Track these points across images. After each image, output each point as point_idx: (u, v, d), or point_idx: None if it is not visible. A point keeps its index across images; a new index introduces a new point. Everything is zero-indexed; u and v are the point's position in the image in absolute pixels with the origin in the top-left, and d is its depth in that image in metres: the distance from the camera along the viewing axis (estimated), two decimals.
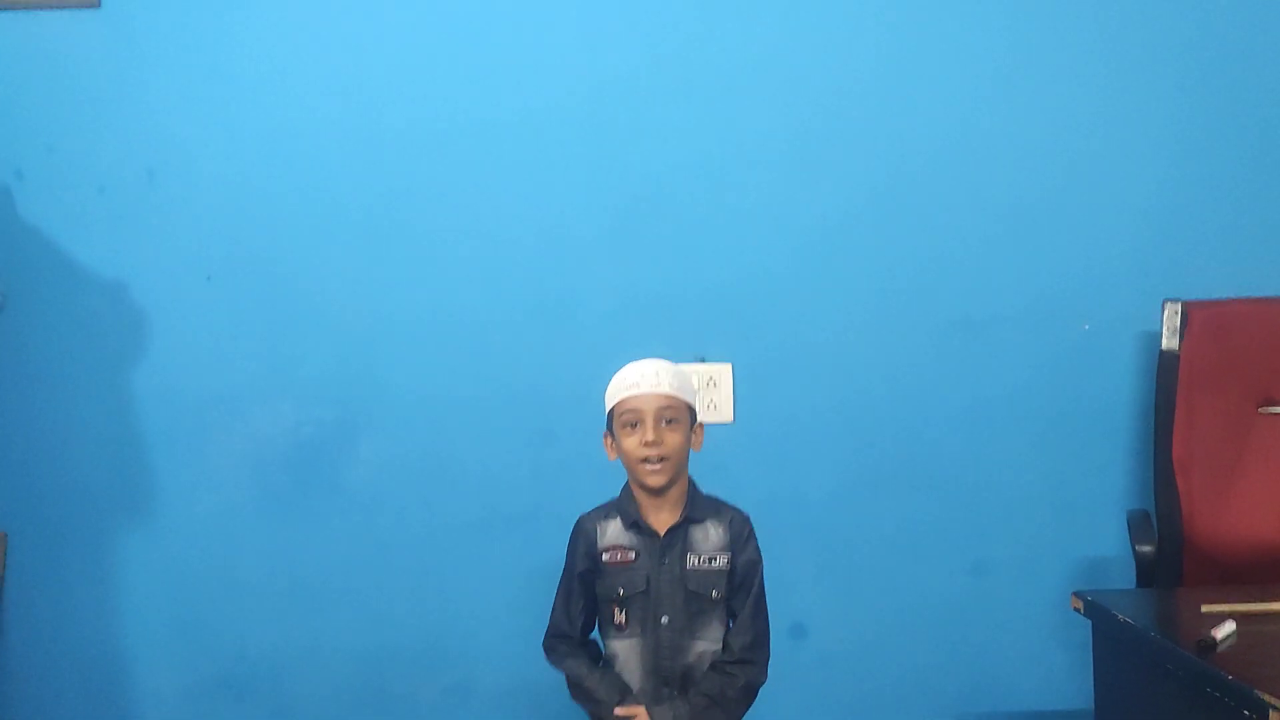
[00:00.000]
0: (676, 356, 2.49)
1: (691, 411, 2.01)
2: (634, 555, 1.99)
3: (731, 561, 1.99)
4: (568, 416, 2.57)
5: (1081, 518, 2.57)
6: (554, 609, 2.05)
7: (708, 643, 1.98)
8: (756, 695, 2.00)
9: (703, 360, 2.57)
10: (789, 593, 2.55)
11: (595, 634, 2.09)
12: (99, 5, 2.57)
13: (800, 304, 2.59)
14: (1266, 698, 1.45)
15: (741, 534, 2.01)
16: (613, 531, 2.02)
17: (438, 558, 2.59)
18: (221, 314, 2.59)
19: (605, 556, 2.01)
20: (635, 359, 2.05)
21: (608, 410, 2.03)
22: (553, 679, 2.49)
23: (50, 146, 2.57)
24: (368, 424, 2.60)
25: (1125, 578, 2.41)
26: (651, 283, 2.58)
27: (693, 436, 2.02)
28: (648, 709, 1.94)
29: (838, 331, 2.58)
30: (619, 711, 1.94)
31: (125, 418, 2.58)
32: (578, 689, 2.00)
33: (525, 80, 2.58)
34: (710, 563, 1.98)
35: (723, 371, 2.58)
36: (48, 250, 2.56)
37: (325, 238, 2.59)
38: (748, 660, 1.96)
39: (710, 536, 2.00)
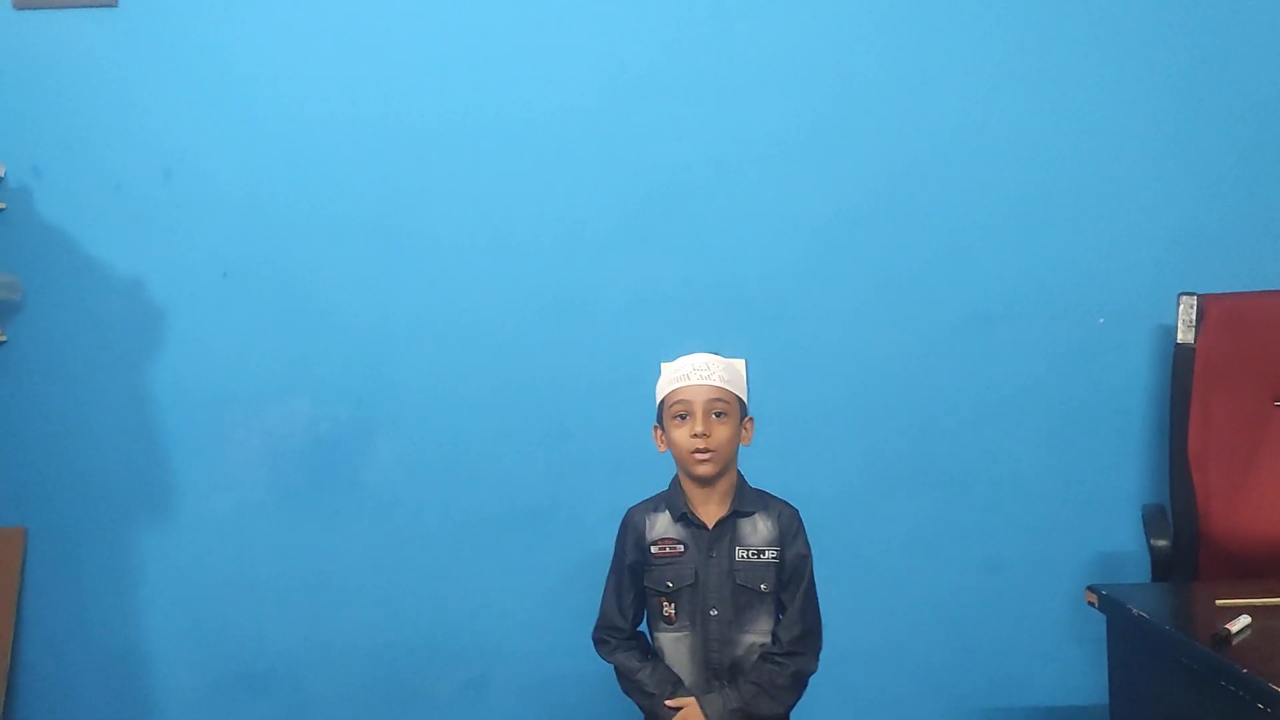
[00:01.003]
0: (690, 353, 2.51)
1: (742, 405, 2.01)
2: (682, 548, 1.99)
3: (780, 555, 1.99)
4: (583, 413, 2.58)
5: (1096, 513, 2.56)
6: (604, 601, 2.05)
7: (756, 635, 1.98)
8: (807, 684, 2.01)
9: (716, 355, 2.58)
10: None
11: (643, 627, 2.08)
12: (116, 4, 2.59)
13: (814, 299, 2.59)
14: None
15: (791, 528, 2.01)
16: (661, 524, 2.02)
17: (454, 554, 2.61)
18: (238, 311, 2.61)
19: (654, 549, 2.01)
20: (651, 354, 2.06)
21: (658, 401, 2.02)
22: (570, 674, 2.53)
23: (68, 144, 2.60)
24: (384, 421, 2.61)
25: (1141, 573, 2.41)
26: (666, 279, 2.59)
27: (743, 431, 2.02)
28: (698, 699, 1.95)
29: (851, 327, 2.58)
30: (669, 704, 1.95)
31: (142, 414, 2.60)
32: (628, 681, 2.00)
33: (540, 79, 2.59)
34: (759, 556, 1.98)
35: (738, 368, 2.57)
36: (65, 247, 2.59)
37: (341, 235, 2.60)
38: (796, 652, 1.96)
39: (759, 530, 2.00)
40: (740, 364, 2.06)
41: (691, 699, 1.95)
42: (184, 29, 2.60)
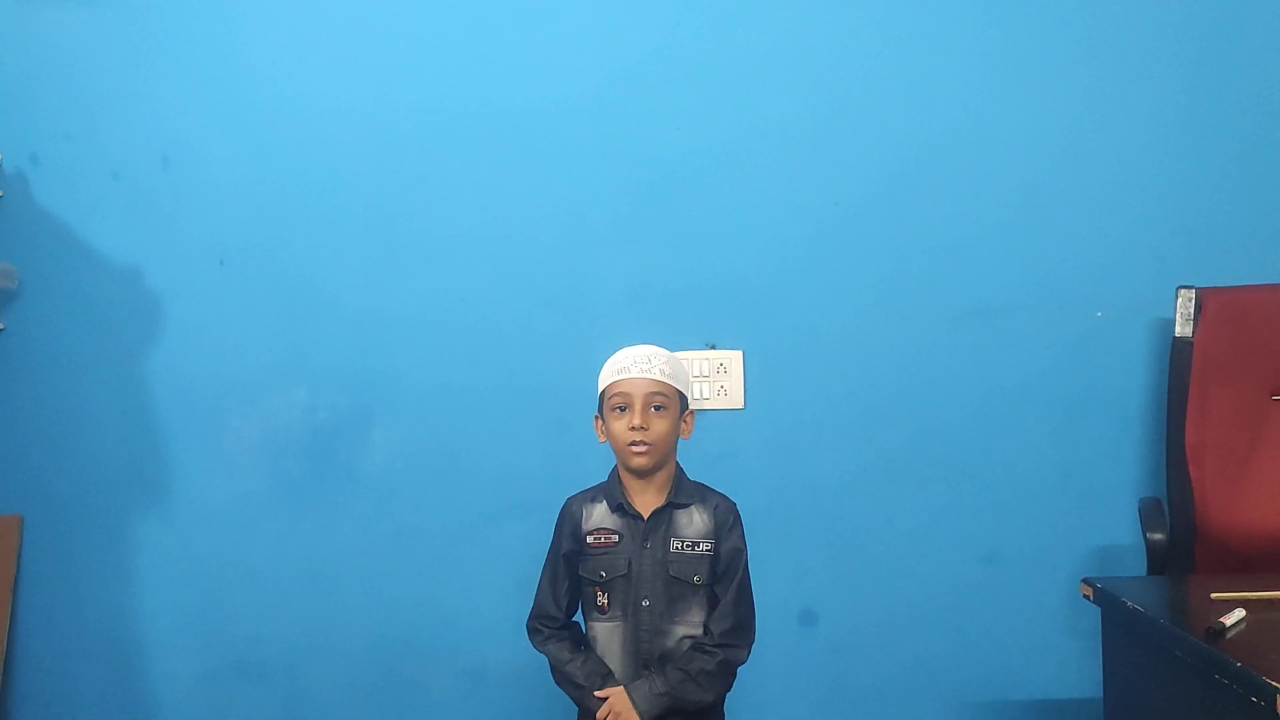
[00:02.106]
0: (688, 343, 2.53)
1: (683, 398, 2.02)
2: (617, 538, 2.01)
3: (715, 548, 2.00)
4: (581, 405, 2.55)
5: (1094, 506, 2.56)
6: (539, 590, 2.08)
7: (688, 627, 1.99)
8: (735, 674, 2.02)
9: (714, 347, 2.58)
10: (800, 580, 2.57)
11: (578, 617, 2.10)
12: None
13: (812, 291, 2.58)
14: (1274, 684, 1.45)
15: (726, 521, 2.02)
16: (598, 514, 2.04)
17: (451, 545, 2.61)
18: (235, 300, 2.60)
19: (589, 539, 2.03)
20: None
21: (599, 392, 2.04)
22: None
23: (65, 133, 2.60)
24: (382, 412, 2.62)
25: (1137, 566, 2.41)
26: (664, 271, 2.58)
27: (682, 424, 2.03)
28: (625, 687, 1.96)
29: (849, 319, 2.58)
30: (598, 694, 1.96)
31: (140, 403, 2.60)
32: (559, 674, 2.02)
33: (538, 69, 2.59)
34: (693, 548, 1.99)
35: (734, 358, 2.58)
36: (63, 236, 2.59)
37: (339, 225, 2.60)
38: (727, 644, 1.97)
39: (694, 522, 2.01)
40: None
41: (619, 687, 1.96)
42: (182, 17, 2.59)
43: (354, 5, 2.60)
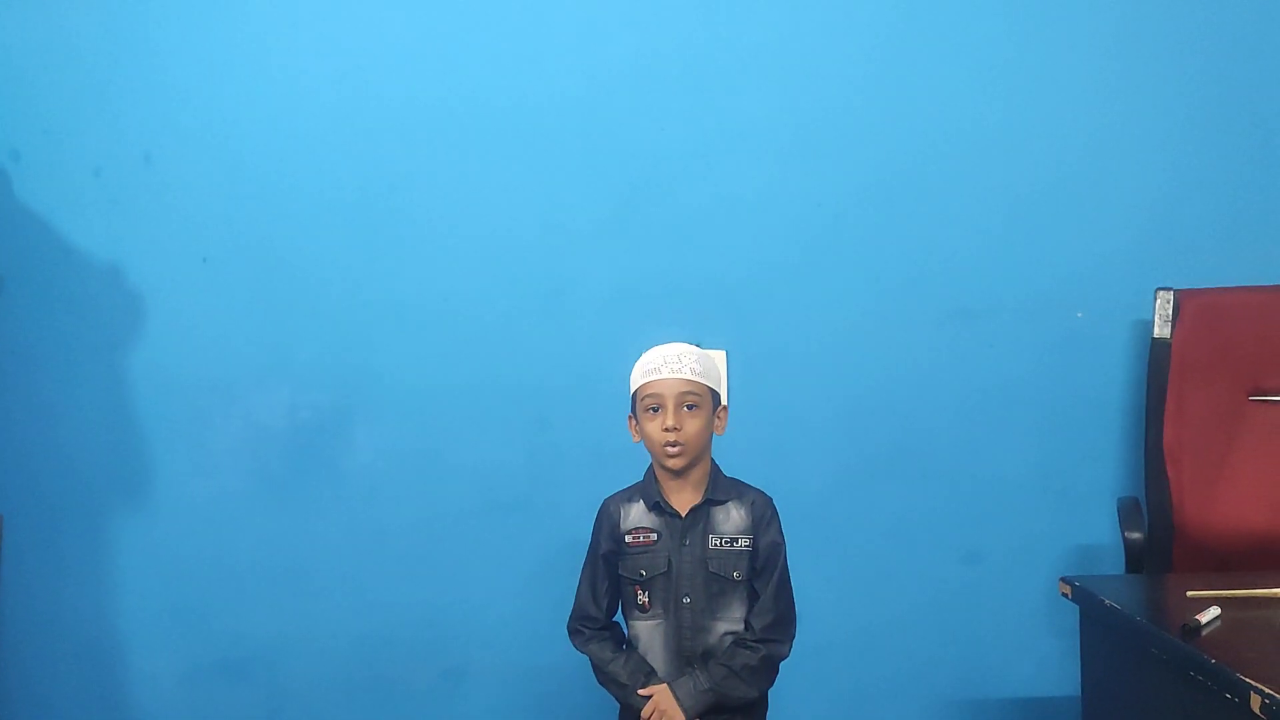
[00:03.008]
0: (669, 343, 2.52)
1: (715, 396, 2.02)
2: (655, 536, 2.01)
3: (754, 543, 2.00)
4: (563, 404, 2.58)
5: (1074, 506, 2.57)
6: (578, 591, 2.07)
7: (729, 623, 1.99)
8: (778, 669, 2.02)
9: (697, 346, 2.58)
10: None
11: (619, 616, 2.10)
12: None
13: (795, 293, 2.59)
14: (1248, 680, 1.46)
15: (764, 516, 2.02)
16: (636, 513, 2.03)
17: (433, 543, 2.60)
18: (218, 298, 2.60)
19: (628, 538, 2.02)
20: (631, 346, 2.07)
21: (631, 393, 2.03)
22: (548, 664, 2.53)
23: (47, 129, 2.59)
24: (364, 410, 2.61)
25: (1116, 565, 2.42)
26: (647, 270, 2.59)
27: (715, 421, 2.03)
28: (670, 684, 1.96)
29: (832, 320, 2.59)
30: (641, 692, 1.96)
31: (121, 400, 2.59)
32: (601, 673, 2.02)
33: (523, 68, 2.59)
34: (732, 544, 1.99)
35: (718, 359, 2.58)
36: (44, 232, 2.57)
37: (322, 222, 2.60)
38: (769, 639, 1.97)
39: (732, 518, 2.01)
40: (717, 355, 2.06)
41: (663, 685, 1.96)
42: (165, 13, 2.58)
43: (338, 4, 2.59)
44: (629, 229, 2.59)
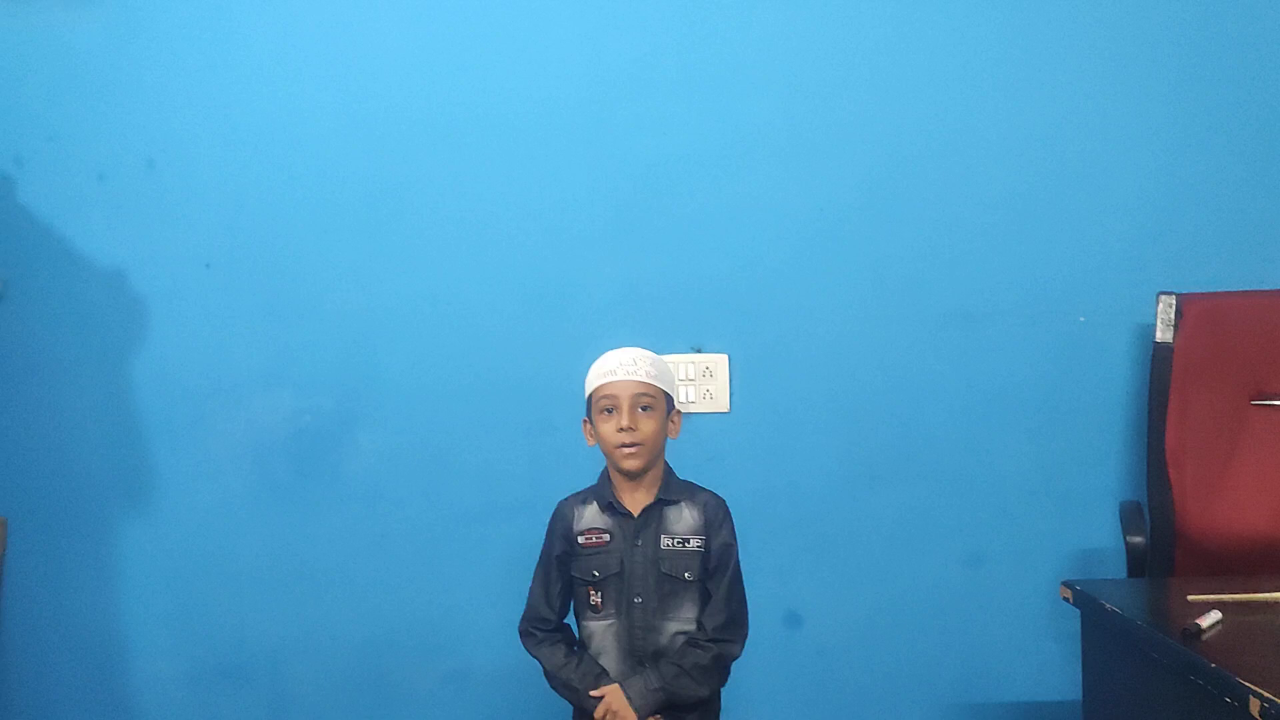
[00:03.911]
0: (674, 347, 2.54)
1: (669, 399, 2.05)
2: (608, 536, 2.03)
3: (706, 544, 2.02)
4: (565, 406, 2.56)
5: (1075, 509, 2.57)
6: (531, 593, 2.09)
7: (680, 623, 2.00)
8: (729, 669, 2.04)
9: (699, 350, 2.59)
10: (784, 582, 2.57)
11: (570, 619, 2.11)
12: None
13: (797, 296, 2.59)
14: (1248, 684, 1.46)
15: (716, 517, 2.04)
16: (589, 514, 2.06)
17: (436, 547, 2.61)
18: (221, 303, 2.60)
19: (581, 539, 2.04)
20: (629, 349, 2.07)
21: (586, 396, 2.06)
22: None
23: (50, 134, 2.59)
24: (367, 414, 2.61)
25: (1118, 569, 2.42)
26: (649, 273, 2.59)
27: (669, 424, 2.05)
28: (620, 683, 1.97)
29: (834, 323, 2.59)
30: (593, 693, 1.98)
31: (124, 405, 2.59)
32: (554, 679, 2.04)
33: (524, 71, 2.59)
34: (684, 544, 2.01)
35: (719, 362, 2.59)
36: (47, 238, 2.58)
37: (325, 227, 2.60)
38: (721, 639, 1.99)
39: (684, 518, 2.03)
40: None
41: (615, 685, 1.97)
42: (168, 18, 2.59)
43: (341, 8, 2.60)
44: (632, 232, 2.60)
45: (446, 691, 2.62)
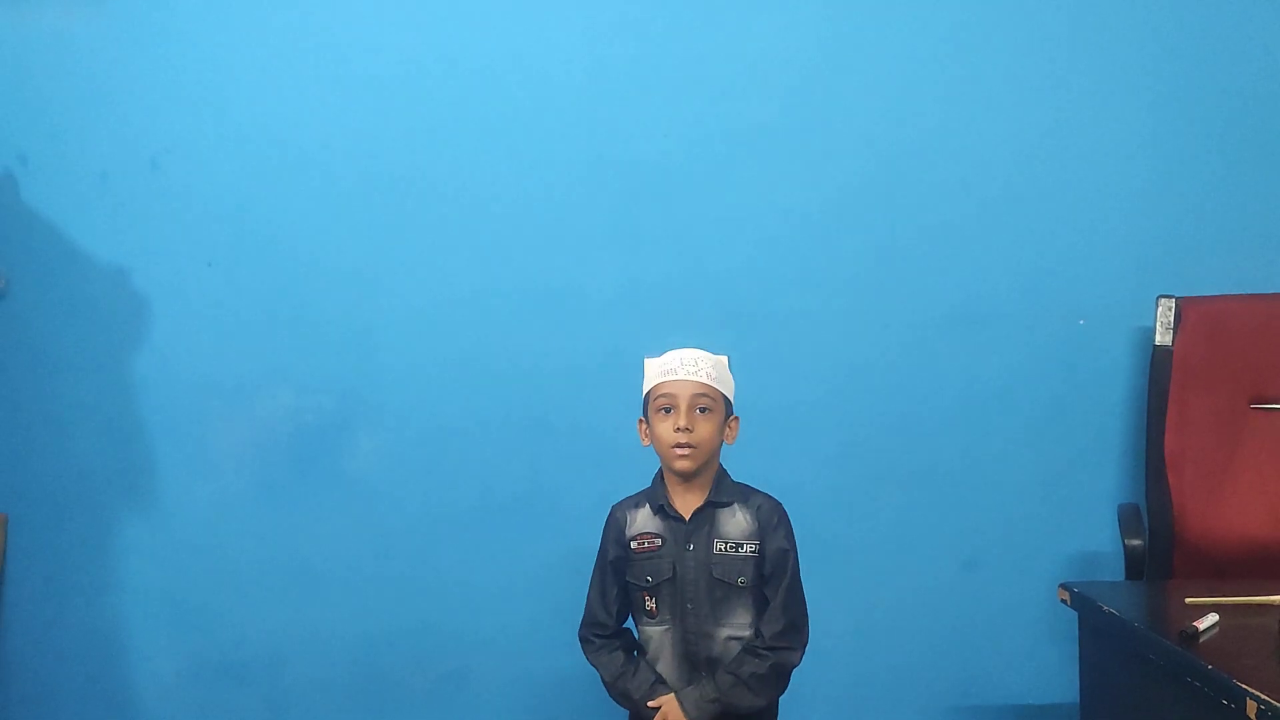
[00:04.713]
0: (673, 347, 2.52)
1: (728, 403, 2.02)
2: (660, 541, 1.99)
3: (760, 549, 1.98)
4: (565, 406, 2.58)
5: (1074, 512, 2.58)
6: (588, 599, 2.06)
7: (733, 629, 1.98)
8: (789, 677, 2.00)
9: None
10: None
11: (629, 622, 2.10)
12: None
13: (797, 297, 2.59)
14: (1245, 687, 1.47)
15: (771, 521, 2.00)
16: (641, 519, 2.02)
17: (435, 545, 2.61)
18: (222, 301, 2.60)
19: (633, 544, 2.01)
20: (634, 349, 2.08)
21: (644, 394, 2.02)
22: (549, 667, 2.54)
23: (54, 133, 2.59)
24: (367, 412, 2.62)
25: (1116, 572, 2.42)
26: (649, 274, 2.59)
27: (727, 429, 2.02)
28: (677, 694, 1.95)
29: (834, 324, 2.59)
30: (650, 704, 1.96)
31: (126, 403, 2.60)
32: (611, 688, 2.01)
33: (525, 70, 2.59)
34: (737, 549, 1.98)
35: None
36: (50, 236, 2.58)
37: (326, 225, 2.60)
38: (779, 646, 1.95)
39: (737, 521, 1.99)
40: (725, 360, 2.06)
41: (670, 695, 1.95)
42: (171, 17, 2.59)
43: (342, 10, 2.60)
44: (632, 233, 2.60)
45: (445, 691, 2.62)
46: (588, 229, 2.59)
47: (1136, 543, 2.33)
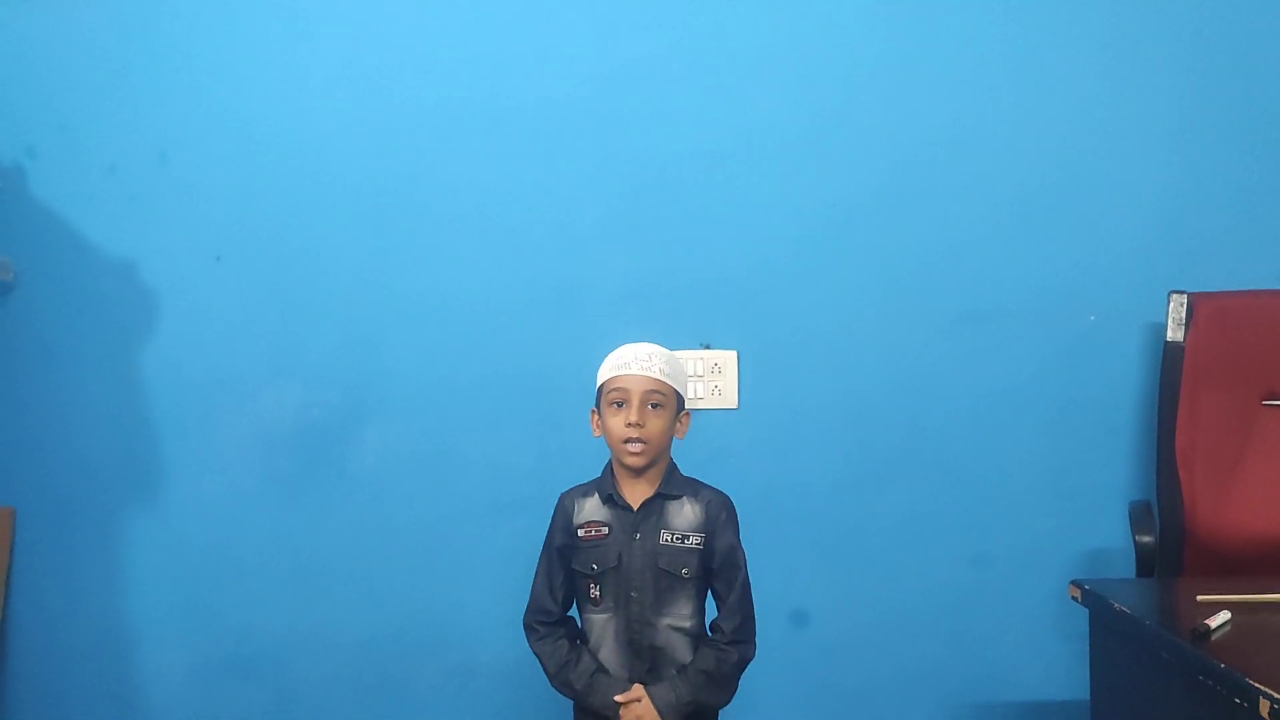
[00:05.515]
0: (682, 343, 2.53)
1: (680, 399, 2.03)
2: (607, 530, 2.02)
3: (707, 543, 2.00)
4: (573, 403, 2.56)
5: (1084, 509, 2.56)
6: (534, 585, 2.08)
7: (674, 619, 1.99)
8: (744, 669, 2.03)
9: (708, 347, 2.58)
10: (790, 580, 2.57)
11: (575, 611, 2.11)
12: None
13: (806, 293, 2.59)
14: (1257, 685, 1.46)
15: (719, 516, 2.01)
16: (590, 507, 2.05)
17: (442, 542, 2.61)
18: (230, 296, 2.61)
19: (580, 531, 2.03)
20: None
21: (597, 386, 2.05)
22: None
23: (62, 126, 2.60)
24: (374, 409, 2.62)
25: (1127, 569, 2.40)
26: (658, 270, 2.59)
27: (677, 424, 2.03)
28: (647, 691, 1.96)
29: (843, 321, 2.59)
30: (619, 699, 1.96)
31: (133, 397, 2.60)
32: (554, 678, 2.03)
33: (534, 67, 2.59)
34: (683, 541, 1.99)
35: (728, 358, 2.58)
36: (59, 229, 2.59)
37: (334, 221, 2.60)
38: (740, 640, 1.99)
39: (685, 514, 2.01)
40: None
41: (639, 687, 1.96)
42: (180, 12, 2.59)
43: (352, 5, 2.60)
44: (639, 229, 2.60)
45: (451, 686, 2.62)
46: (598, 225, 2.59)
47: (1148, 539, 2.31)
